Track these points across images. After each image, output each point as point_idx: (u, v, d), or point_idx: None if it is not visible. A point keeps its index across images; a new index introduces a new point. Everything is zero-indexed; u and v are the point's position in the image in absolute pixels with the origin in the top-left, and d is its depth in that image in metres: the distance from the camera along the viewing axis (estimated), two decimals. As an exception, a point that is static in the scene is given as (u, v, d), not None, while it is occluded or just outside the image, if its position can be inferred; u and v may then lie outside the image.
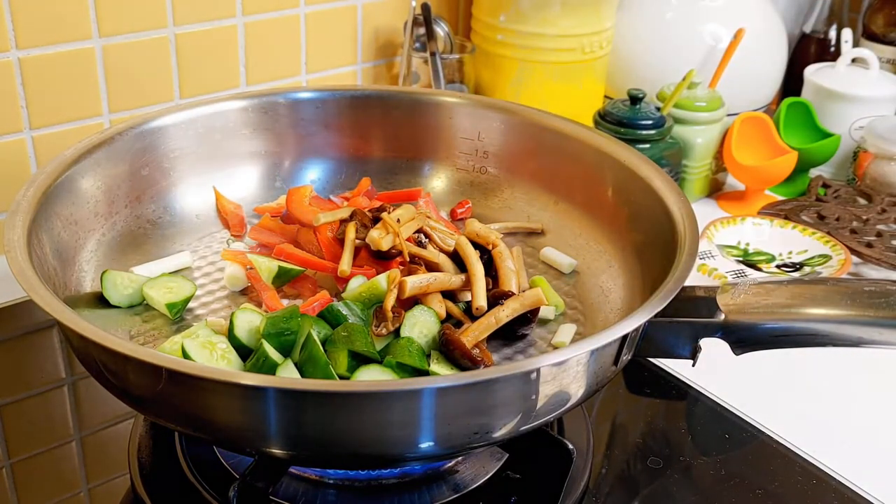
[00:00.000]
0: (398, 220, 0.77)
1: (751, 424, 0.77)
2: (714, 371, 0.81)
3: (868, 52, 1.21)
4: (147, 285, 0.73)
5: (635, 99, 1.07)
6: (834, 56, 1.31)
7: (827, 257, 1.00)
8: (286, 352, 0.65)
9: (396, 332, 0.68)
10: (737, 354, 0.67)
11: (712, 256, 1.00)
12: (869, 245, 1.03)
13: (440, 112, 0.91)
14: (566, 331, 0.74)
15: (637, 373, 0.82)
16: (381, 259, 0.76)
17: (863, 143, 1.16)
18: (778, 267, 1.01)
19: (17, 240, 0.63)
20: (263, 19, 1.05)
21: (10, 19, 0.87)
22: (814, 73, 1.24)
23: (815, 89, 1.22)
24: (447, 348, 0.67)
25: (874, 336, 0.62)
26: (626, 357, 0.62)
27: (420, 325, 0.69)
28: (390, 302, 0.69)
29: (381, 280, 0.72)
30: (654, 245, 0.72)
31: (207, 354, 0.64)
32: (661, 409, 0.80)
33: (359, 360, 0.66)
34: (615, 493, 0.69)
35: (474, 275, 0.74)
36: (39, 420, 0.74)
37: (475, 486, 0.67)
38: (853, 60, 1.23)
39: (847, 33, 1.25)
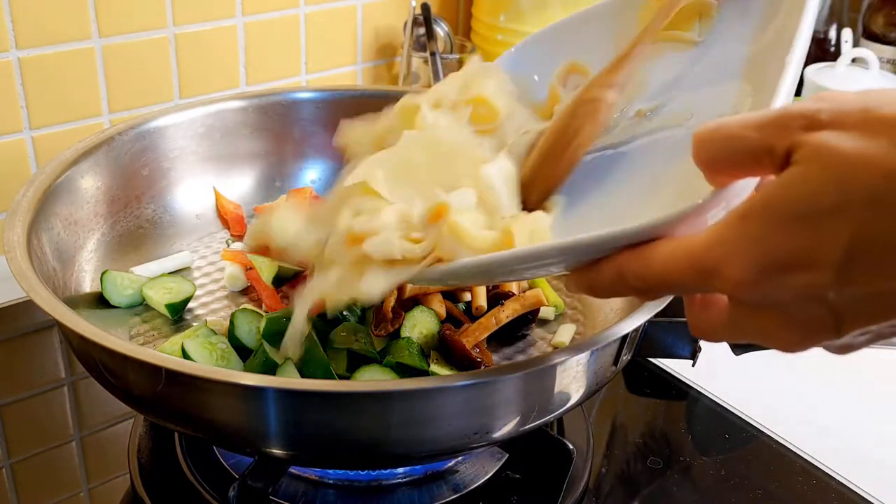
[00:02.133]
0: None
1: (751, 424, 0.77)
2: (714, 371, 0.81)
3: (868, 52, 1.21)
4: (146, 286, 0.73)
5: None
6: (834, 56, 1.31)
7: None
8: (286, 352, 0.65)
9: (396, 332, 0.68)
10: (737, 354, 0.67)
11: (712, 256, 0.99)
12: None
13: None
14: (566, 331, 0.74)
15: (637, 373, 0.82)
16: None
17: (863, 143, 1.16)
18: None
19: (17, 240, 0.63)
20: (263, 19, 1.05)
21: (10, 19, 0.87)
22: (814, 73, 1.24)
23: (815, 89, 1.22)
24: (447, 348, 0.66)
25: (874, 336, 0.62)
26: (625, 357, 0.62)
27: (420, 326, 0.69)
28: (390, 302, 0.69)
29: (381, 280, 0.71)
30: (654, 245, 0.72)
31: (207, 354, 0.64)
32: (661, 410, 0.80)
33: (359, 360, 0.66)
34: (615, 493, 0.69)
35: (474, 275, 0.74)
36: (39, 420, 0.74)
37: (475, 486, 0.66)
38: (853, 60, 1.23)
39: (847, 33, 1.25)
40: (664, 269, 0.39)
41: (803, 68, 1.26)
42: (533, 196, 0.53)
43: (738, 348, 0.67)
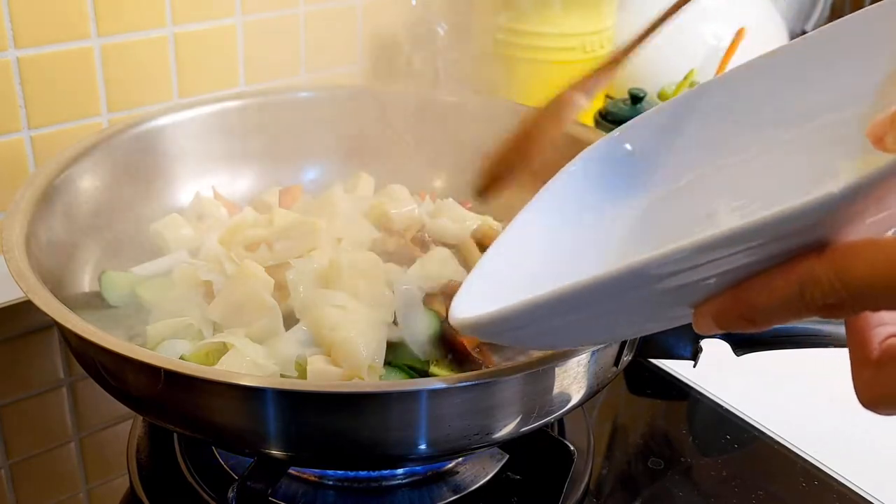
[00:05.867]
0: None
1: (752, 425, 0.76)
2: (715, 372, 0.80)
3: (869, 51, 1.21)
4: (141, 286, 0.73)
5: (636, 98, 1.07)
6: (835, 56, 1.31)
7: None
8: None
9: (396, 333, 0.68)
10: (738, 355, 0.67)
11: (713, 256, 0.99)
12: (870, 245, 1.02)
13: (440, 112, 0.91)
14: (567, 331, 0.74)
15: (638, 373, 0.82)
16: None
17: (864, 143, 1.16)
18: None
19: (16, 240, 0.62)
20: (263, 19, 1.05)
21: (9, 19, 0.87)
22: (815, 73, 1.24)
23: (815, 89, 1.22)
24: (447, 348, 0.66)
25: (876, 336, 0.62)
26: (626, 358, 0.62)
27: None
28: (390, 302, 0.69)
29: (381, 280, 0.71)
30: (655, 245, 0.72)
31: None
32: (662, 410, 0.79)
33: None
34: (616, 494, 0.69)
35: (475, 275, 0.73)
36: (39, 420, 0.74)
37: (475, 486, 0.66)
38: (854, 60, 1.23)
39: (848, 33, 1.24)
40: (883, 273, 0.29)
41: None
42: (489, 181, 0.59)
43: (739, 349, 0.67)
